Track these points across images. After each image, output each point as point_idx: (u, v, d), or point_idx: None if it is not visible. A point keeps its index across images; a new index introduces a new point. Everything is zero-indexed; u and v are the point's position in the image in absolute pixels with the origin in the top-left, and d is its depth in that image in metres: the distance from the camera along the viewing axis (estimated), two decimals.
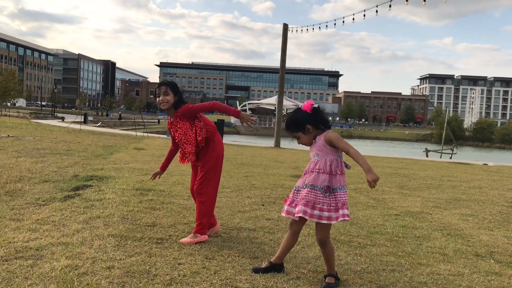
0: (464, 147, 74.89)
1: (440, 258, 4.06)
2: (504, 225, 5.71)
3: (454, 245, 4.56)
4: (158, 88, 4.10)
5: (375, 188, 7.95)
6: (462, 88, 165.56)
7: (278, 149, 19.84)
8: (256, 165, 10.82)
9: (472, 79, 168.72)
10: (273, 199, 6.30)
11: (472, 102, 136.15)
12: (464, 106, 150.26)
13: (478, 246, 4.57)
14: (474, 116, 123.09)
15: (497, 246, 4.62)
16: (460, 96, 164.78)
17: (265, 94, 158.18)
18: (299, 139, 3.34)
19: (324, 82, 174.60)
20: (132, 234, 4.04)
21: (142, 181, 6.93)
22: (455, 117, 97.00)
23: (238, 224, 4.76)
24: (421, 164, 15.33)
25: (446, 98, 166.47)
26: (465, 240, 4.81)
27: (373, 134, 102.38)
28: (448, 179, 10.51)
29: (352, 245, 4.29)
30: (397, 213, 5.99)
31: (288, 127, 3.36)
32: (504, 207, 6.98)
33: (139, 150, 13.02)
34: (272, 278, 3.22)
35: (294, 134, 3.34)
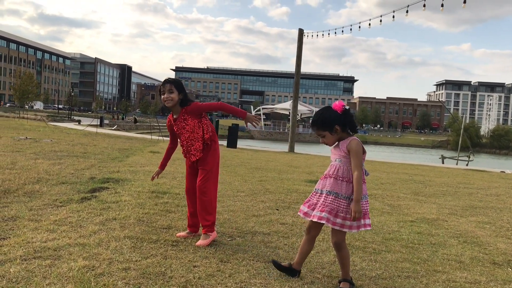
0: (481, 154, 73.92)
1: (456, 265, 4.02)
2: None
3: (470, 252, 4.51)
4: (163, 86, 4.13)
5: (390, 195, 7.92)
6: (479, 95, 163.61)
7: (292, 154, 19.83)
8: (270, 170, 10.82)
9: (489, 86, 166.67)
10: (287, 204, 6.30)
11: (489, 108, 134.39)
12: (481, 112, 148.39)
13: (495, 254, 4.52)
14: (491, 123, 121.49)
15: None
16: (477, 103, 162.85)
17: (280, 99, 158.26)
18: (324, 137, 3.25)
19: (339, 88, 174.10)
20: (148, 236, 4.08)
21: (157, 184, 6.99)
22: (472, 124, 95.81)
23: (253, 228, 4.77)
24: (437, 170, 15.18)
25: (462, 104, 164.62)
26: (482, 248, 4.75)
27: (388, 140, 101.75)
28: (464, 186, 10.39)
29: (367, 251, 4.27)
30: (412, 219, 5.94)
31: (315, 124, 3.26)
32: None
33: (154, 153, 13.12)
34: (286, 282, 3.23)
35: (320, 132, 3.24)
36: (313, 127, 3.30)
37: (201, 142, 4.17)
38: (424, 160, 49.38)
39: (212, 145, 4.24)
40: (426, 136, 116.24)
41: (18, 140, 13.86)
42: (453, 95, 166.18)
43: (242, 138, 64.81)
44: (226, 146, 21.48)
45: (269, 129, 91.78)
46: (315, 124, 3.27)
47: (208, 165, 4.19)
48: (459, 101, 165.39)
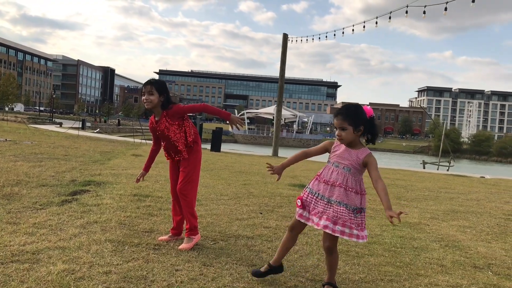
0: (462, 160, 75.00)
1: (438, 269, 4.05)
2: (501, 237, 5.70)
3: (452, 256, 4.54)
4: (144, 87, 4.05)
5: (372, 199, 7.96)
6: (459, 101, 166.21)
7: (276, 158, 19.84)
8: (254, 173, 10.80)
9: (469, 93, 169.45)
10: (271, 208, 6.28)
11: (469, 115, 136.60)
12: (461, 119, 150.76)
13: (476, 258, 4.56)
14: (471, 129, 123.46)
15: (495, 258, 4.61)
16: (458, 109, 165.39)
17: (264, 103, 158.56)
18: (344, 132, 3.04)
19: (323, 93, 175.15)
20: (130, 240, 4.02)
21: (139, 187, 6.91)
22: (453, 130, 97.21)
23: (236, 231, 4.74)
24: (418, 175, 15.33)
25: (443, 110, 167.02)
26: (463, 252, 4.80)
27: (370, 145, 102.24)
28: (445, 191, 10.50)
29: (350, 255, 4.28)
30: (395, 223, 5.97)
31: (344, 113, 3.05)
32: (501, 220, 6.97)
33: (136, 156, 12.99)
34: (269, 286, 3.21)
35: (344, 124, 3.03)
36: (340, 116, 3.05)
37: (184, 145, 4.11)
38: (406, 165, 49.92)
39: (194, 147, 4.20)
40: (407, 142, 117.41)
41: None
42: (435, 101, 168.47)
43: (226, 142, 64.75)
44: (210, 150, 21.40)
45: (253, 133, 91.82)
46: (344, 113, 3.05)
47: (189, 166, 4.14)
48: (440, 107, 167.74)
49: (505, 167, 71.42)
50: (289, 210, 6.19)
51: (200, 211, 5.59)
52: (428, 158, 60.61)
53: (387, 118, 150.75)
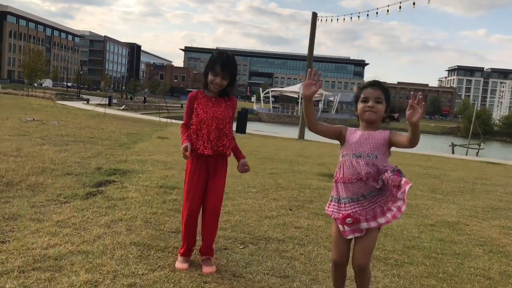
0: (492, 142, 73.01)
1: (486, 283, 3.74)
2: None
3: (498, 266, 4.22)
4: (220, 68, 3.43)
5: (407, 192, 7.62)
6: (491, 81, 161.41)
7: (302, 141, 19.51)
8: (281, 161, 10.54)
9: (502, 72, 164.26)
10: (301, 203, 6.03)
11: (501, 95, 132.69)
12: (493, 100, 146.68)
13: None
14: (503, 110, 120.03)
15: None
16: (489, 90, 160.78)
17: (289, 82, 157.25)
18: (379, 104, 2.69)
19: (349, 71, 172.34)
20: (155, 243, 3.82)
21: (165, 177, 6.73)
22: (484, 111, 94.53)
23: (266, 232, 4.51)
24: (451, 163, 14.83)
25: (474, 91, 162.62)
26: (509, 259, 4.47)
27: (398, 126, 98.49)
28: (481, 182, 10.05)
29: (389, 263, 4.00)
30: (432, 223, 5.65)
31: (379, 84, 2.77)
32: None
33: (163, 139, 12.87)
34: None
35: (380, 96, 2.70)
36: (376, 86, 2.73)
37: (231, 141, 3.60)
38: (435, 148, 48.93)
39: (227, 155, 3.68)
40: (436, 123, 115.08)
41: (25, 122, 13.65)
42: (465, 81, 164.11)
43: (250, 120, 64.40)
44: (236, 131, 21.17)
45: (277, 112, 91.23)
46: (381, 85, 2.76)
47: (224, 176, 3.69)
48: (471, 88, 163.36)
49: None
50: (319, 205, 5.91)
51: (227, 206, 5.38)
52: (457, 140, 59.23)
53: None
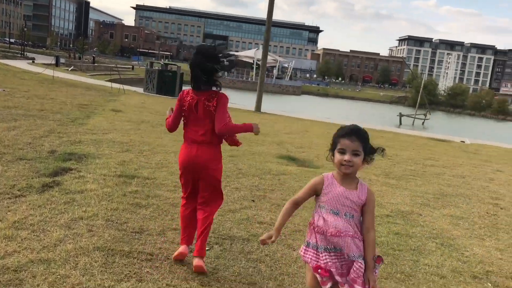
0: (437, 112, 75.88)
1: (440, 282, 3.95)
2: (493, 232, 5.66)
3: (450, 262, 4.46)
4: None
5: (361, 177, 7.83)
6: (439, 52, 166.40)
7: (259, 114, 19.51)
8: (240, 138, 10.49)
9: (449, 44, 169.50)
10: (262, 192, 6.07)
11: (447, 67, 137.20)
12: (439, 70, 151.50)
13: (473, 263, 4.49)
14: (448, 81, 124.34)
15: (491, 264, 4.56)
16: (437, 60, 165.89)
17: (244, 46, 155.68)
18: (357, 156, 2.56)
19: (304, 37, 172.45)
20: (120, 247, 3.75)
21: (123, 163, 6.57)
22: (431, 81, 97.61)
23: (231, 230, 4.52)
24: (400, 140, 15.34)
25: (422, 61, 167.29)
26: (459, 253, 4.73)
27: (348, 93, 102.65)
28: (430, 163, 10.48)
29: None
30: (388, 213, 5.87)
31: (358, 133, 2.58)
32: (490, 206, 6.96)
33: (116, 113, 12.49)
34: None
35: (359, 149, 2.56)
36: (355, 137, 2.56)
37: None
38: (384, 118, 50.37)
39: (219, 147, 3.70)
40: (385, 91, 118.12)
41: None
42: (414, 51, 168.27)
43: None
44: None
45: (231, 77, 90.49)
46: (360, 135, 2.59)
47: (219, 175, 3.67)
48: (420, 58, 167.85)
49: (478, 121, 72.98)
50: (280, 195, 5.99)
51: None
52: (405, 110, 61.17)
53: (366, 67, 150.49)
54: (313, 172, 7.65)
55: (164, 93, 22.20)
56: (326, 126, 16.90)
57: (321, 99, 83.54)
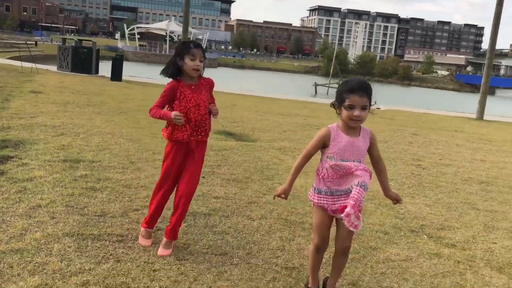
0: None
1: (385, 238, 4.43)
2: (420, 190, 6.32)
3: (389, 220, 4.97)
4: (195, 49, 3.43)
5: (298, 148, 8.27)
6: (347, 22, 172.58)
7: None
8: None
9: (357, 13, 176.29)
10: (210, 168, 6.24)
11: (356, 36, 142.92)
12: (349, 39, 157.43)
13: (409, 219, 5.04)
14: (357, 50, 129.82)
15: (424, 218, 5.14)
16: (346, 30, 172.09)
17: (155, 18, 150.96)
18: (365, 110, 2.72)
19: (217, 8, 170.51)
20: (88, 231, 3.80)
21: (63, 147, 6.41)
22: (341, 51, 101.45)
23: (190, 206, 4.65)
24: (323, 110, 16.08)
25: (333, 31, 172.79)
26: (396, 212, 5.26)
27: (264, 65, 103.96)
28: None
29: (305, 228, 4.48)
30: None
31: (366, 88, 2.72)
32: (413, 167, 7.69)
33: (37, 94, 11.88)
34: (250, 282, 3.29)
35: (367, 102, 2.71)
36: (362, 92, 2.69)
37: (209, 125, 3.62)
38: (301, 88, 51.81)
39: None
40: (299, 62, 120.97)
41: None
42: (325, 21, 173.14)
43: None
44: (110, 79, 20.21)
45: (144, 50, 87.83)
46: (367, 89, 2.71)
47: (201, 160, 3.72)
48: (330, 28, 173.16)
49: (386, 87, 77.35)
50: (228, 170, 6.22)
51: (141, 179, 5.42)
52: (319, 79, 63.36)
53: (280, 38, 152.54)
54: (252, 146, 7.93)
55: (80, 70, 21.24)
56: (252, 100, 17.24)
57: (238, 71, 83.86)
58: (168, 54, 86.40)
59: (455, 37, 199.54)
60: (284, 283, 3.33)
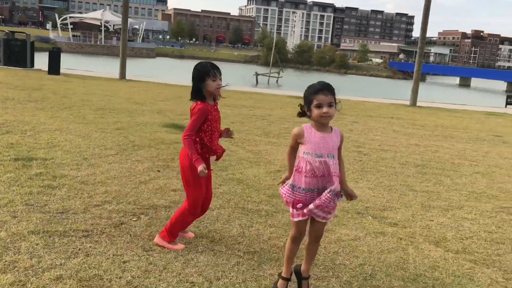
0: (287, 70, 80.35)
1: (335, 220, 4.78)
2: (363, 175, 6.79)
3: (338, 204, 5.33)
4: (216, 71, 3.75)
5: (246, 139, 8.55)
6: (285, 11, 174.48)
7: (125, 82, 19.04)
8: (119, 110, 10.46)
9: (294, 3, 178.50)
10: (164, 162, 6.38)
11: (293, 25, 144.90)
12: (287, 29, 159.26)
13: (355, 202, 5.35)
14: (295, 39, 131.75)
15: (367, 201, 5.57)
16: (283, 19, 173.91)
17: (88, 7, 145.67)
18: (331, 107, 2.98)
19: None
20: (53, 228, 3.87)
21: (12, 145, 6.32)
22: (280, 40, 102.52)
23: (150, 200, 4.84)
24: (269, 100, 16.45)
25: (270, 20, 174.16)
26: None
27: (204, 54, 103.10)
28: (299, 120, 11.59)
29: (261, 214, 4.76)
30: (278, 168, 6.62)
31: (329, 88, 3.01)
32: (355, 153, 8.19)
33: None
34: (216, 267, 3.52)
35: (333, 99, 2.99)
36: (327, 91, 2.98)
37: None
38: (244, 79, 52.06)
39: None
40: (239, 51, 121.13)
41: None
42: (262, 10, 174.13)
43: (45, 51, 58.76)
44: (48, 73, 19.50)
45: (78, 40, 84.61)
46: (331, 89, 3.01)
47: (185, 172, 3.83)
48: (268, 17, 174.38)
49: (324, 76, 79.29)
50: None
51: (97, 175, 5.48)
52: (260, 69, 63.94)
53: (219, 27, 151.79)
54: None
55: (13, 64, 20.33)
56: None
57: (178, 61, 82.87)
58: (103, 44, 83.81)
59: (388, 25, 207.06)
60: (247, 266, 3.59)
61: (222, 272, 3.46)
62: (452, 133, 11.98)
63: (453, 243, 4.44)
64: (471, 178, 7.12)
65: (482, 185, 6.74)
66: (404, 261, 3.97)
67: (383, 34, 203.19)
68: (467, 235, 4.68)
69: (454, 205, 5.67)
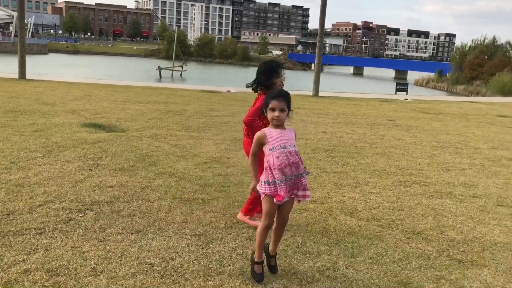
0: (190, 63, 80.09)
1: None
2: None
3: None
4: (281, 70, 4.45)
5: (168, 134, 8.88)
6: (183, 4, 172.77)
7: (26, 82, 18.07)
8: (31, 112, 10.20)
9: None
10: (93, 161, 6.54)
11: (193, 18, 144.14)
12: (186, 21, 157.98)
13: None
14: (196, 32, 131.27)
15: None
16: (182, 12, 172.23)
17: None
18: (283, 112, 3.45)
19: None
20: (5, 229, 4.04)
21: None
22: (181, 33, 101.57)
23: (91, 196, 5.08)
24: (180, 95, 16.70)
25: (169, 12, 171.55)
26: None
27: (102, 49, 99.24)
28: (214, 114, 12.10)
29: (199, 202, 5.20)
30: (205, 160, 7.08)
31: (284, 96, 3.49)
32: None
33: None
34: (171, 249, 3.95)
35: (285, 106, 3.46)
36: (281, 98, 3.47)
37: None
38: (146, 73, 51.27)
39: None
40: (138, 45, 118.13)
41: None
42: (160, 3, 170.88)
43: None
44: None
45: None
46: (286, 97, 3.50)
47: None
48: (166, 9, 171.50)
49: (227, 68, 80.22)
50: (111, 161, 6.59)
51: (30, 177, 5.57)
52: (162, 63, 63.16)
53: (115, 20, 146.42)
54: (125, 136, 8.30)
55: None
56: (105, 88, 17.02)
57: (73, 57, 79.10)
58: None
59: (285, 18, 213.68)
60: (196, 246, 4.06)
61: (176, 253, 3.90)
62: (352, 119, 13.19)
63: (364, 213, 5.25)
64: (372, 158, 8.12)
65: (382, 164, 7.74)
66: (326, 230, 4.67)
67: (281, 27, 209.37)
68: (374, 206, 5.52)
69: (360, 182, 6.55)
